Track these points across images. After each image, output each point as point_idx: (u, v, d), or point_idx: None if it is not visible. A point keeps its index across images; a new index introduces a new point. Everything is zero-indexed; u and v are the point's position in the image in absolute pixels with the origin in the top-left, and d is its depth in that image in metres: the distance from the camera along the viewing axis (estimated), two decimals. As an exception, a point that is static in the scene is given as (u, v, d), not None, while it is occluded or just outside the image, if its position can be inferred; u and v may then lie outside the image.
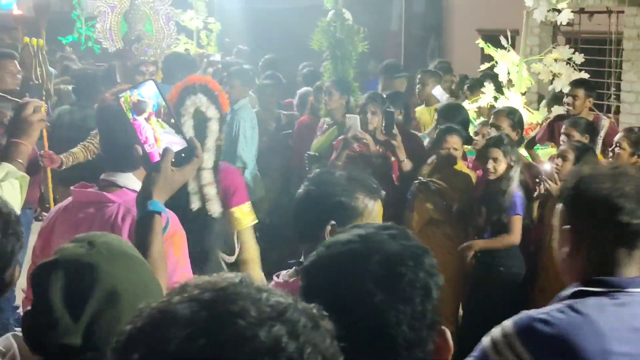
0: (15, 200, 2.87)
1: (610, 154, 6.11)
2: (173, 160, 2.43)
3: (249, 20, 15.10)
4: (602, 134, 7.28)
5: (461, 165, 6.16)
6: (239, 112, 7.30)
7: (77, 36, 16.10)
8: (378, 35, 7.31)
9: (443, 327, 1.46)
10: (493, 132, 6.34)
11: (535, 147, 7.57)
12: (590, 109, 7.60)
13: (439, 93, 6.39)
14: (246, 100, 7.39)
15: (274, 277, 2.64)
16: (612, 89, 10.21)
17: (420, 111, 8.46)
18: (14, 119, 3.01)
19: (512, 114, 6.64)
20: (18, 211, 2.50)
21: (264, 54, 11.60)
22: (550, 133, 7.47)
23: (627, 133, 6.07)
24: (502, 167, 5.67)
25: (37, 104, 3.00)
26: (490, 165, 5.66)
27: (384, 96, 6.78)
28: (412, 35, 14.61)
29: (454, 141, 6.06)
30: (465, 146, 6.44)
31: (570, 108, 7.29)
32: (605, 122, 7.54)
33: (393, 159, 6.36)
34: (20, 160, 3.00)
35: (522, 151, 6.85)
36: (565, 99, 7.46)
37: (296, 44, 12.37)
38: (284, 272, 2.63)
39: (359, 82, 7.89)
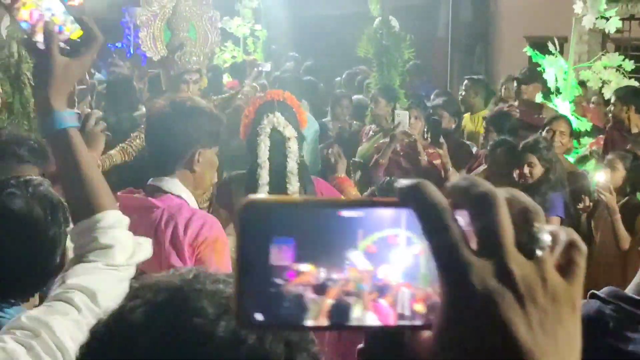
0: None
1: None
2: (66, 47, 1.98)
3: (295, 27, 15.17)
4: None
5: None
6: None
7: (125, 43, 16.28)
8: (424, 42, 7.29)
9: None
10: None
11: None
12: None
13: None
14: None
15: None
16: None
17: (465, 119, 8.40)
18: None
19: (569, 121, 6.54)
20: None
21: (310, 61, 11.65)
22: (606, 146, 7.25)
23: None
24: (538, 171, 5.60)
25: (97, 115, 3.11)
26: (526, 170, 5.59)
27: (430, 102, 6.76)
28: (459, 42, 14.55)
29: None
30: None
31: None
32: None
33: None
34: None
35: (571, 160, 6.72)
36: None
37: (342, 50, 12.42)
38: None
39: (405, 90, 7.88)
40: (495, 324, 0.60)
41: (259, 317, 0.66)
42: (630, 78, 8.04)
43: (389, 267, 0.68)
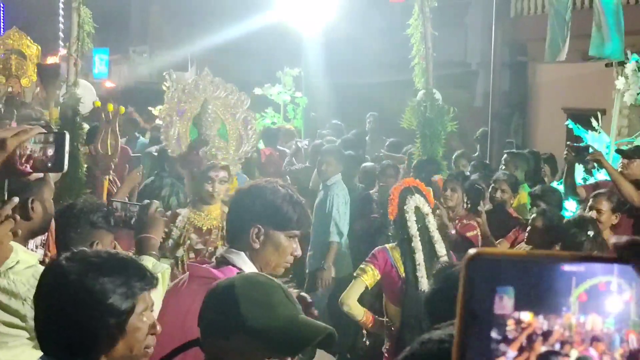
0: (159, 292, 3.07)
1: None
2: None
3: (335, 94, 15.35)
4: None
5: None
6: (332, 187, 7.45)
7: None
8: (462, 112, 7.39)
9: None
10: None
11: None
12: None
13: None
14: (339, 177, 7.51)
15: None
16: None
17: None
18: (140, 217, 3.45)
19: (612, 195, 6.54)
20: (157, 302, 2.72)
21: (349, 129, 11.76)
22: None
23: None
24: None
25: (157, 205, 3.36)
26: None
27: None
28: (498, 112, 14.66)
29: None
30: None
31: None
32: None
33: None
34: (154, 253, 3.36)
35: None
36: None
37: (382, 118, 12.57)
38: None
39: (446, 161, 7.97)
40: None
41: None
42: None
43: (599, 315, 0.71)
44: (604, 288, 0.71)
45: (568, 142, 7.43)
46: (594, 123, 8.22)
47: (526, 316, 0.71)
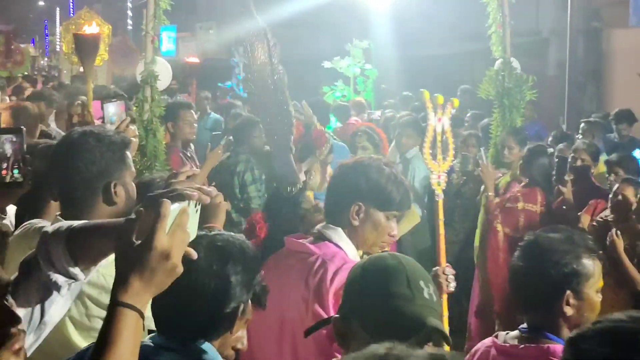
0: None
1: None
2: None
3: (405, 66, 15.22)
4: None
5: None
6: (412, 160, 7.38)
7: (235, 82, 16.66)
8: (537, 82, 7.23)
9: None
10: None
11: None
12: None
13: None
14: (417, 149, 7.42)
15: (493, 338, 2.66)
16: None
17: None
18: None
19: None
20: None
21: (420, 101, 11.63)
22: None
23: None
24: None
25: (215, 191, 3.21)
26: None
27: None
28: (573, 80, 14.37)
29: (630, 192, 5.89)
30: None
31: None
32: None
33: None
34: None
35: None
36: None
37: (452, 89, 12.41)
38: (503, 334, 2.64)
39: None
40: None
41: None
42: None
43: None
44: None
45: None
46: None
47: None
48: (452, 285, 3.64)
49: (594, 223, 5.69)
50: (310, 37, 16.97)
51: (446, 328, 2.80)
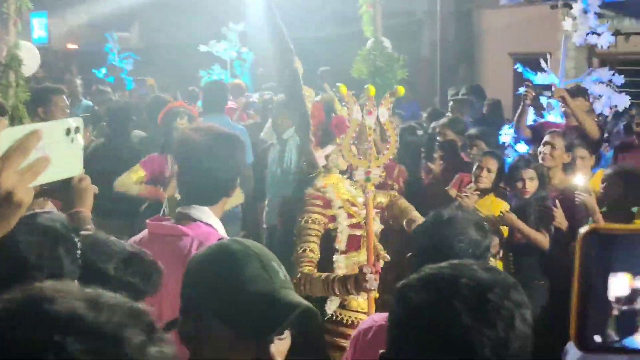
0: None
1: None
2: None
3: (282, 49, 15.16)
4: None
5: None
6: (288, 141, 7.37)
7: (109, 69, 16.30)
8: (410, 62, 7.35)
9: None
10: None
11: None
12: None
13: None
14: (293, 130, 7.41)
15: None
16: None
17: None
18: (65, 191, 2.90)
19: (566, 135, 6.61)
20: None
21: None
22: None
23: None
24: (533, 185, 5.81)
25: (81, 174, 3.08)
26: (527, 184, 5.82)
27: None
28: (446, 61, 14.67)
29: (492, 164, 6.09)
30: None
31: None
32: None
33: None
34: (88, 227, 2.99)
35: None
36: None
37: (332, 71, 12.47)
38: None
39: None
40: None
41: (597, 339, 0.71)
42: (620, 92, 8.15)
43: None
44: None
45: (527, 83, 7.48)
46: (543, 64, 8.23)
47: (627, 278, 0.72)
48: (374, 285, 3.65)
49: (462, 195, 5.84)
50: (186, 21, 16.73)
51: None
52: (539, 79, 8.20)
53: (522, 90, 7.27)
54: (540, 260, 5.90)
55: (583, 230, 0.71)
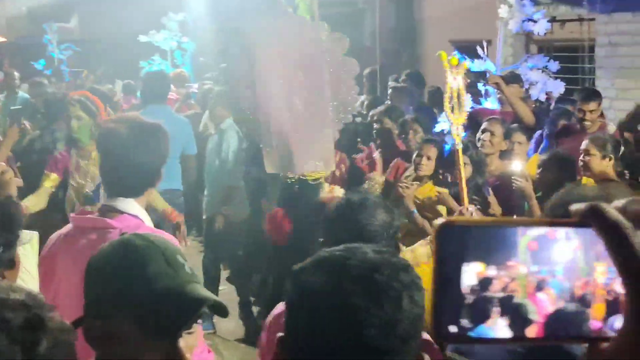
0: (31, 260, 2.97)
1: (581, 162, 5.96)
2: None
3: (222, 38, 15.07)
4: None
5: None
6: (226, 131, 7.35)
7: (48, 60, 16.06)
8: (352, 51, 7.35)
9: (423, 354, 1.52)
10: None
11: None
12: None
13: None
14: (231, 120, 7.39)
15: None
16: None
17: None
18: None
19: (505, 122, 6.68)
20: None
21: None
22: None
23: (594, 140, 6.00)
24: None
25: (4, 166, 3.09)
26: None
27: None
28: (387, 49, 14.70)
29: (432, 152, 6.16)
30: None
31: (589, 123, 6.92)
32: (611, 129, 7.33)
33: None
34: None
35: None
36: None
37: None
38: None
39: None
40: None
41: (453, 329, 0.72)
42: (555, 79, 8.27)
43: (547, 262, 0.75)
44: (553, 237, 0.75)
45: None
46: (480, 52, 8.31)
47: (480, 267, 0.74)
48: None
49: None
50: (126, 11, 16.53)
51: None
52: (476, 66, 8.28)
53: None
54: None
55: (438, 222, 0.73)
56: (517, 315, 0.75)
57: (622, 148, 6.28)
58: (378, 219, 2.86)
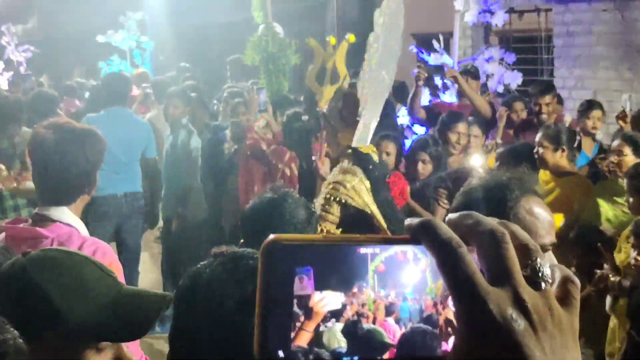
0: None
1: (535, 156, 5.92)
2: None
3: (182, 37, 14.99)
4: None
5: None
6: (182, 131, 7.27)
7: (6, 63, 15.86)
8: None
9: None
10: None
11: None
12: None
13: None
14: (187, 119, 7.30)
15: None
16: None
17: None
18: None
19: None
20: None
21: (200, 70, 11.50)
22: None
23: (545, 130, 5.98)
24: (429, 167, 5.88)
25: None
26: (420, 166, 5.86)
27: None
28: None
29: (391, 149, 6.11)
30: None
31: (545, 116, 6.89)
32: (568, 119, 7.34)
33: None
34: None
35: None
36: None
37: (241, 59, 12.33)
38: None
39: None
40: (512, 349, 0.64)
41: (281, 354, 0.68)
42: (513, 70, 8.26)
43: (396, 285, 0.72)
44: (401, 258, 0.72)
45: (419, 64, 7.51)
46: (435, 45, 8.29)
47: (324, 294, 0.71)
48: None
49: None
50: (82, 11, 16.35)
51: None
52: (433, 59, 8.26)
53: (415, 71, 7.32)
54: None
55: (265, 241, 0.68)
56: (364, 341, 0.72)
57: (578, 138, 6.28)
58: (297, 217, 2.91)
